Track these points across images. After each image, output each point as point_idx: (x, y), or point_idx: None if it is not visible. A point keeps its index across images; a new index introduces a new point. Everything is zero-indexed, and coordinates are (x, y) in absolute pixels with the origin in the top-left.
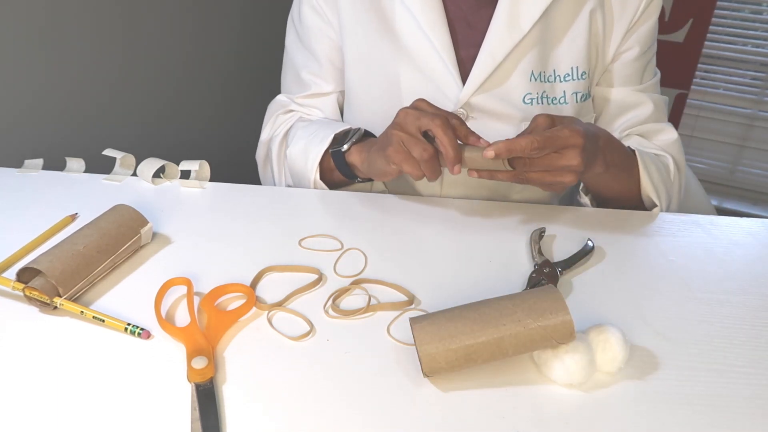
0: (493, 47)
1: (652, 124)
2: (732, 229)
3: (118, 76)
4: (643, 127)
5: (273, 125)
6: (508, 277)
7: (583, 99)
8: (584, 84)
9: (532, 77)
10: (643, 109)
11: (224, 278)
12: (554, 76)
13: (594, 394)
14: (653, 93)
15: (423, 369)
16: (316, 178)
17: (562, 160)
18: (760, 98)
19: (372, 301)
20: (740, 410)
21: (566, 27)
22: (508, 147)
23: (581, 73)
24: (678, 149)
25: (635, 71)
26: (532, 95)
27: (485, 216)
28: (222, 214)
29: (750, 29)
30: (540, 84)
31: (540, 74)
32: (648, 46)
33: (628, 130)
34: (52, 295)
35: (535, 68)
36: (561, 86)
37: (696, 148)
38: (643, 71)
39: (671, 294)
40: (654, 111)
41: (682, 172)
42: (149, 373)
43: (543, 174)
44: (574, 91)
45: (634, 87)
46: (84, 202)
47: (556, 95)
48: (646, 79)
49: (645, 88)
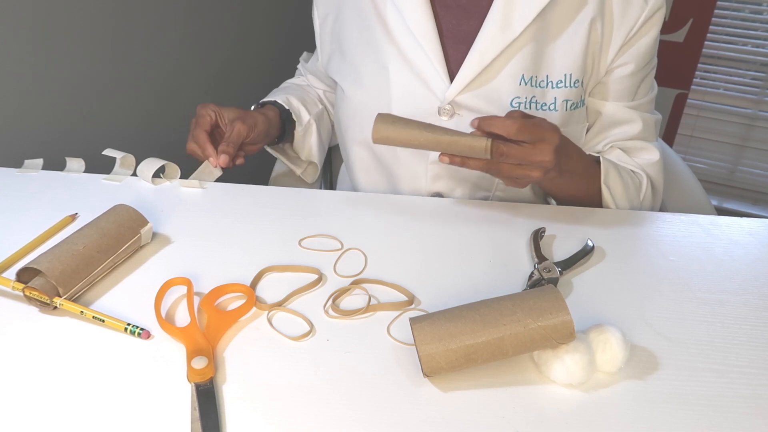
0: (484, 47)
1: (637, 141)
2: (732, 229)
3: (118, 75)
4: (628, 143)
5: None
6: (508, 277)
7: (573, 107)
8: (576, 92)
9: (523, 81)
10: (630, 127)
11: (224, 278)
12: (546, 82)
13: (594, 394)
14: (645, 111)
15: (423, 369)
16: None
17: (535, 154)
18: (760, 98)
19: (372, 301)
20: (740, 410)
21: (562, 33)
22: (490, 122)
23: (574, 81)
24: (657, 170)
25: (627, 87)
26: (521, 99)
27: (485, 216)
28: (222, 214)
29: (750, 29)
30: (530, 88)
31: (531, 78)
32: (645, 62)
33: (612, 144)
34: (52, 295)
35: (526, 72)
36: (552, 92)
37: (696, 148)
38: (636, 88)
39: (671, 294)
40: (642, 130)
41: (658, 193)
42: (149, 373)
43: (514, 167)
44: (565, 98)
45: (626, 103)
46: (84, 202)
47: (546, 101)
48: (640, 95)
49: (638, 105)
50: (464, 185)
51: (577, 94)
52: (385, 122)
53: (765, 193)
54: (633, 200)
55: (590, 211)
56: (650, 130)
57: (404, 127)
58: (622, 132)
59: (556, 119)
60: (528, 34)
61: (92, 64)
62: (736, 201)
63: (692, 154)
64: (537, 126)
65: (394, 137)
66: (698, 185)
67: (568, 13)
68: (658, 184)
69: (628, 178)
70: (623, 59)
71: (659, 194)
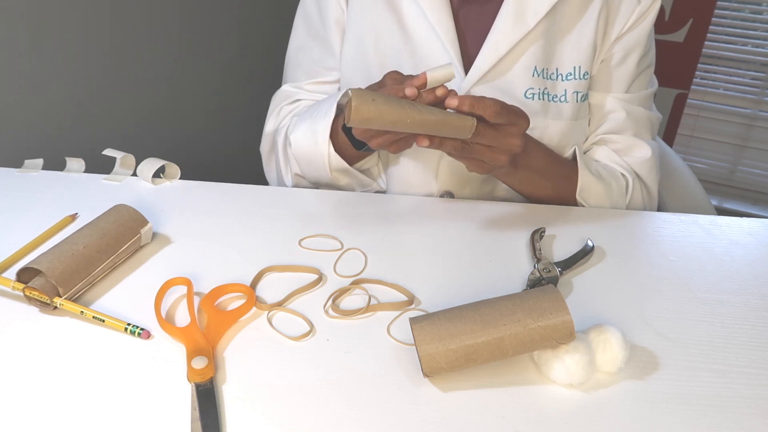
0: (498, 40)
1: (630, 138)
2: (732, 229)
3: (119, 75)
4: (620, 144)
5: (278, 116)
6: (508, 277)
7: (583, 99)
8: (586, 84)
9: (535, 73)
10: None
11: (224, 278)
12: (556, 74)
13: (594, 394)
14: (639, 105)
15: (423, 369)
16: (331, 151)
17: (506, 137)
18: (760, 98)
19: (372, 301)
20: (740, 410)
21: (572, 26)
22: (473, 102)
23: (583, 73)
24: (649, 168)
25: (616, 78)
26: (534, 90)
27: (485, 216)
28: (222, 214)
29: (750, 29)
30: (542, 80)
31: (543, 71)
32: (638, 55)
33: (600, 136)
34: (52, 295)
35: (538, 64)
36: (562, 85)
37: (696, 148)
38: (626, 80)
39: (671, 294)
40: (628, 121)
41: (650, 192)
42: (149, 373)
43: (485, 149)
44: (575, 90)
45: (615, 94)
46: (84, 202)
47: (557, 93)
48: (634, 90)
49: (631, 98)
50: (473, 184)
51: (586, 85)
52: (364, 101)
53: (765, 193)
54: (617, 203)
55: (590, 211)
56: (644, 126)
57: (386, 106)
58: (608, 122)
59: (568, 110)
60: (540, 27)
61: (92, 64)
62: (736, 201)
63: (692, 154)
64: (513, 112)
65: (377, 117)
66: (698, 185)
67: (579, 6)
68: (651, 183)
69: (612, 180)
70: (614, 50)
71: (653, 192)
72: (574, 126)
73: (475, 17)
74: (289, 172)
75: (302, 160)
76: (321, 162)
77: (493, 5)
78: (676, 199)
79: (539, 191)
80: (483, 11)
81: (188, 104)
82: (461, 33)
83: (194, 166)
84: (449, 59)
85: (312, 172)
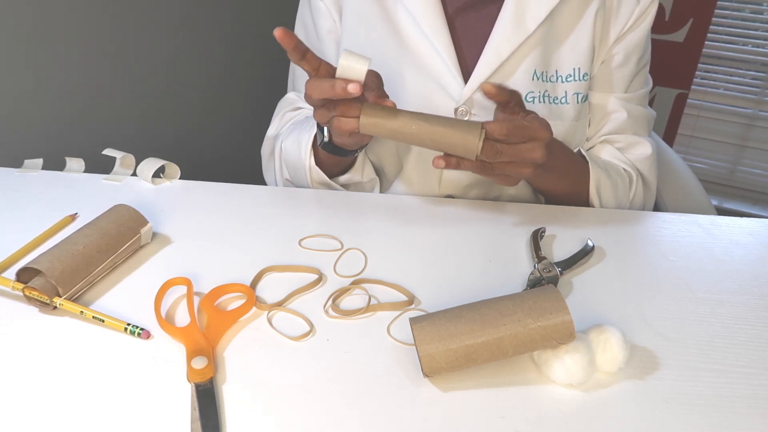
0: (499, 45)
1: (630, 136)
2: (732, 229)
3: (118, 75)
4: (620, 137)
5: (280, 122)
6: (508, 277)
7: (583, 100)
8: (585, 85)
9: (535, 76)
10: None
11: (224, 278)
12: (556, 77)
13: (594, 394)
14: (637, 104)
15: (423, 369)
16: (311, 164)
17: (527, 152)
18: (760, 98)
19: (372, 301)
20: (740, 410)
21: (570, 29)
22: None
23: (583, 75)
24: (649, 165)
25: (617, 79)
26: (534, 94)
27: (485, 216)
28: (222, 214)
29: (750, 29)
30: (542, 83)
31: (542, 74)
32: (638, 55)
33: (603, 137)
34: (52, 295)
35: (537, 68)
36: (563, 86)
37: (696, 148)
38: (626, 80)
39: (671, 294)
40: (629, 121)
41: (650, 189)
42: (149, 373)
43: (506, 164)
44: (576, 91)
45: (616, 94)
46: (84, 202)
47: (558, 95)
48: (633, 89)
49: (630, 98)
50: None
51: (586, 86)
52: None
53: (765, 193)
54: (622, 200)
55: (590, 211)
56: (642, 125)
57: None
58: (610, 123)
59: (569, 112)
60: (540, 31)
61: (92, 64)
62: (736, 201)
63: (692, 154)
64: (527, 128)
65: (383, 124)
66: (698, 185)
67: (577, 8)
68: (650, 180)
69: (617, 178)
70: (614, 51)
71: (651, 190)
72: (576, 127)
73: (471, 24)
74: (282, 177)
75: (290, 168)
76: (303, 172)
77: (489, 12)
78: (676, 199)
79: (560, 190)
80: (479, 18)
81: (188, 104)
82: (457, 41)
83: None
84: (446, 68)
85: (298, 181)
